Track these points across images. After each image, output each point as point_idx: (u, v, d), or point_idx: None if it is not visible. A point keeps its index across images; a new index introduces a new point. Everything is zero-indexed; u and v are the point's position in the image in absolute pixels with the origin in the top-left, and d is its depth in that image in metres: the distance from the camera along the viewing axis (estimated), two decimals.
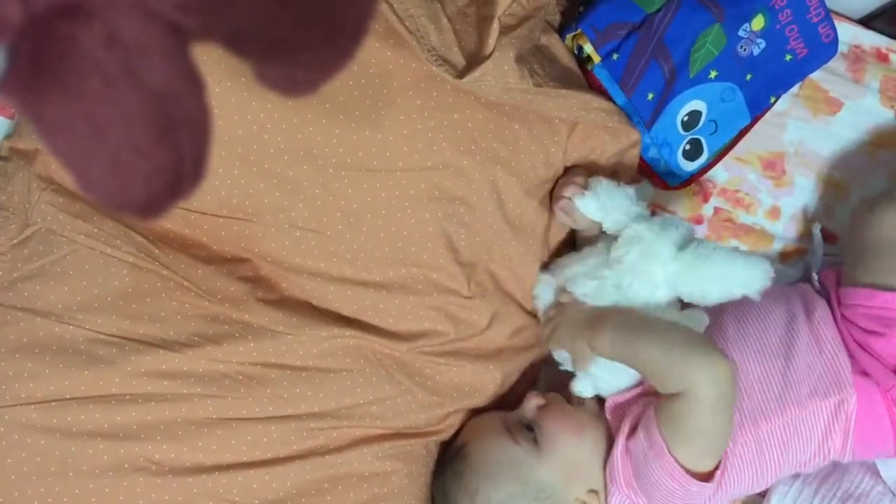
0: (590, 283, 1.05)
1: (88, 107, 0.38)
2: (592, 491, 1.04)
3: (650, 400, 1.02)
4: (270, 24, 0.42)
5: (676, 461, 0.95)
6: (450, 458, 1.09)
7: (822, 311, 1.10)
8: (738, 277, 0.99)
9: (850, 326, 1.08)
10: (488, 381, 1.11)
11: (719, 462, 0.99)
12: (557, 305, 1.08)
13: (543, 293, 1.12)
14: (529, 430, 1.05)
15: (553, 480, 1.03)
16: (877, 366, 1.05)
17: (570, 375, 1.10)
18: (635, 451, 1.01)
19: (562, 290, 1.09)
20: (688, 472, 0.96)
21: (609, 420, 1.07)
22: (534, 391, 1.12)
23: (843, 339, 1.08)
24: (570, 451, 1.04)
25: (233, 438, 0.99)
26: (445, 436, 1.11)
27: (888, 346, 1.04)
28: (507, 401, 1.17)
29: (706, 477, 0.98)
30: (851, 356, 1.07)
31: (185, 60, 0.40)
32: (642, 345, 0.97)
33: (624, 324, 0.99)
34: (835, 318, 1.10)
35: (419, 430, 1.07)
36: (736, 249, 1.08)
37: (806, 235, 1.29)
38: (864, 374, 1.06)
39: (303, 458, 1.01)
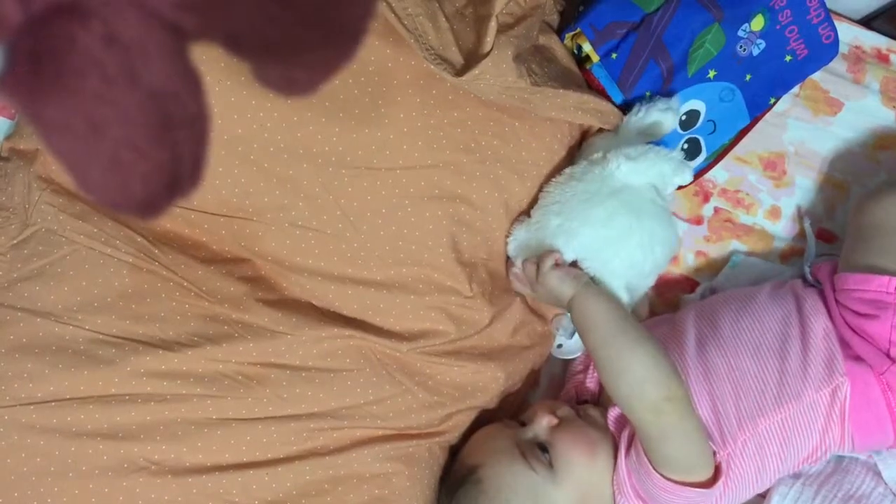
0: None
1: (87, 106, 0.38)
2: None
3: None
4: (270, 23, 0.41)
5: (665, 477, 0.97)
6: (461, 479, 1.07)
7: (812, 301, 1.11)
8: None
9: (845, 311, 1.08)
10: (490, 380, 1.10)
11: (717, 469, 0.99)
12: (540, 264, 1.05)
13: (514, 240, 1.10)
14: (543, 451, 1.04)
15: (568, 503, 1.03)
16: (870, 349, 1.05)
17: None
18: (632, 466, 1.01)
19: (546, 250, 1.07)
20: (682, 483, 0.97)
21: (612, 430, 1.07)
22: (545, 404, 1.11)
23: (835, 326, 1.08)
24: (586, 473, 1.04)
25: (232, 439, 0.99)
26: (450, 437, 1.11)
27: (882, 328, 1.04)
28: (510, 399, 1.17)
29: (707, 484, 0.98)
30: (845, 342, 1.07)
31: (184, 60, 0.40)
32: (600, 354, 0.99)
33: (592, 321, 1.00)
34: (827, 307, 1.10)
35: (421, 430, 1.07)
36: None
37: (805, 235, 1.28)
38: (858, 358, 1.06)
39: (303, 459, 1.01)
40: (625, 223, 1.03)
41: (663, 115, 1.10)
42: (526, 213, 1.11)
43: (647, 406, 0.95)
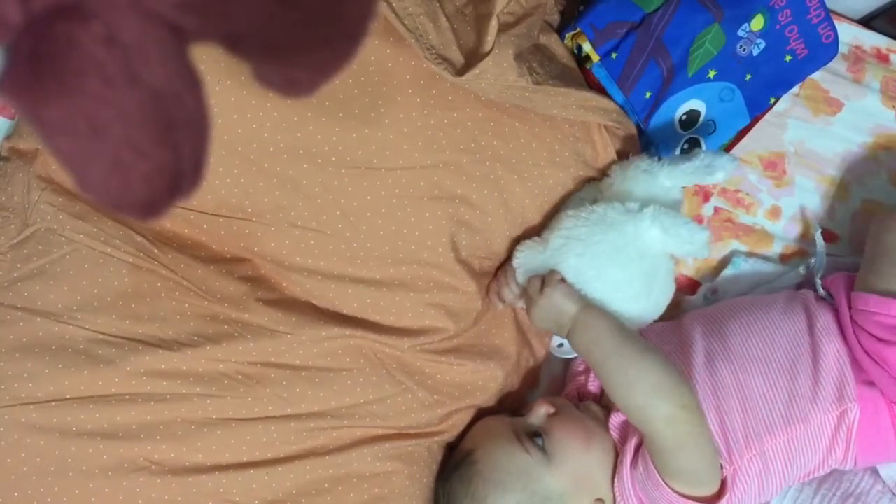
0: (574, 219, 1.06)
1: (88, 107, 0.38)
2: (598, 500, 1.04)
3: None
4: (270, 24, 0.41)
5: (674, 491, 0.97)
6: (457, 463, 1.08)
7: (825, 320, 1.09)
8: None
9: (861, 333, 1.05)
10: (489, 379, 1.11)
11: (723, 484, 0.99)
12: (546, 284, 1.05)
13: (525, 257, 1.09)
14: (538, 438, 1.05)
15: (561, 489, 1.03)
16: (884, 376, 1.03)
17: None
18: (638, 476, 1.01)
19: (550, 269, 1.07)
20: (690, 498, 0.97)
21: (615, 436, 1.07)
22: (544, 398, 1.12)
23: (849, 347, 1.06)
24: (579, 460, 1.04)
25: (232, 438, 0.99)
26: (448, 437, 1.11)
27: None
28: (509, 399, 1.17)
29: (712, 499, 0.99)
30: (858, 365, 1.05)
31: (184, 60, 0.40)
32: (608, 369, 0.99)
33: (598, 336, 1.00)
34: (840, 325, 1.08)
35: (420, 429, 1.07)
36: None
37: (807, 236, 1.28)
38: (870, 383, 1.05)
39: (303, 459, 1.01)
40: (637, 290, 1.05)
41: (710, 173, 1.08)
42: (532, 223, 1.10)
43: (663, 416, 0.94)
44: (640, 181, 1.08)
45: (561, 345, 1.21)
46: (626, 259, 1.03)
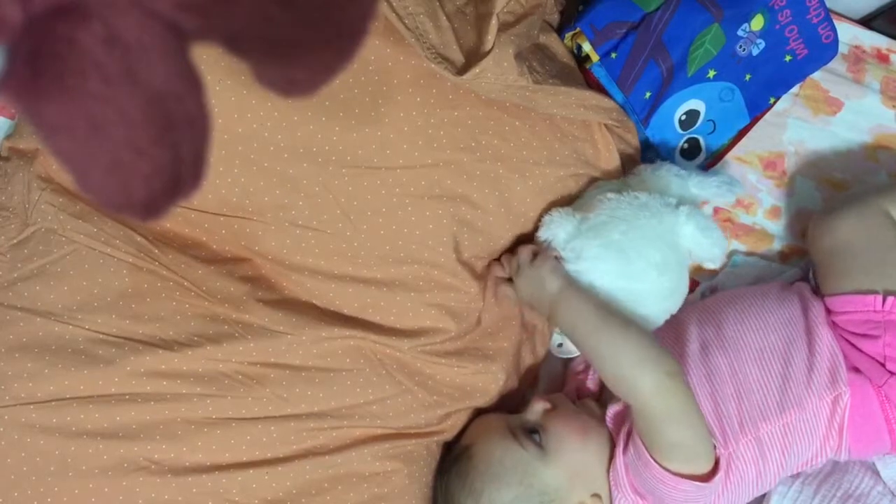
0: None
1: (88, 107, 0.38)
2: (595, 495, 1.04)
3: None
4: (270, 24, 0.41)
5: (663, 468, 0.97)
6: (454, 458, 1.08)
7: (817, 309, 1.11)
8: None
9: (842, 330, 1.08)
10: (490, 381, 1.11)
11: (716, 463, 0.99)
12: (539, 256, 1.06)
13: (556, 227, 1.08)
14: (534, 433, 1.05)
15: (557, 483, 1.03)
16: (868, 362, 1.05)
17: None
18: (631, 461, 1.01)
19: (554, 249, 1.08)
20: (681, 475, 0.97)
21: (610, 427, 1.07)
22: (540, 395, 1.12)
23: (836, 336, 1.09)
24: (575, 454, 1.04)
25: (232, 438, 0.99)
26: (448, 436, 1.11)
27: (885, 348, 1.04)
28: (508, 400, 1.17)
29: (705, 477, 0.98)
30: (844, 353, 1.07)
31: (184, 60, 0.40)
32: (593, 343, 1.00)
33: (582, 311, 1.01)
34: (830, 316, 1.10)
35: (420, 430, 1.07)
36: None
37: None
38: (856, 370, 1.06)
39: (302, 458, 1.01)
40: (672, 276, 1.06)
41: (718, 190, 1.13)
42: (534, 222, 1.10)
43: (649, 384, 0.95)
44: (673, 183, 1.11)
45: (560, 344, 1.22)
46: (664, 245, 1.05)
